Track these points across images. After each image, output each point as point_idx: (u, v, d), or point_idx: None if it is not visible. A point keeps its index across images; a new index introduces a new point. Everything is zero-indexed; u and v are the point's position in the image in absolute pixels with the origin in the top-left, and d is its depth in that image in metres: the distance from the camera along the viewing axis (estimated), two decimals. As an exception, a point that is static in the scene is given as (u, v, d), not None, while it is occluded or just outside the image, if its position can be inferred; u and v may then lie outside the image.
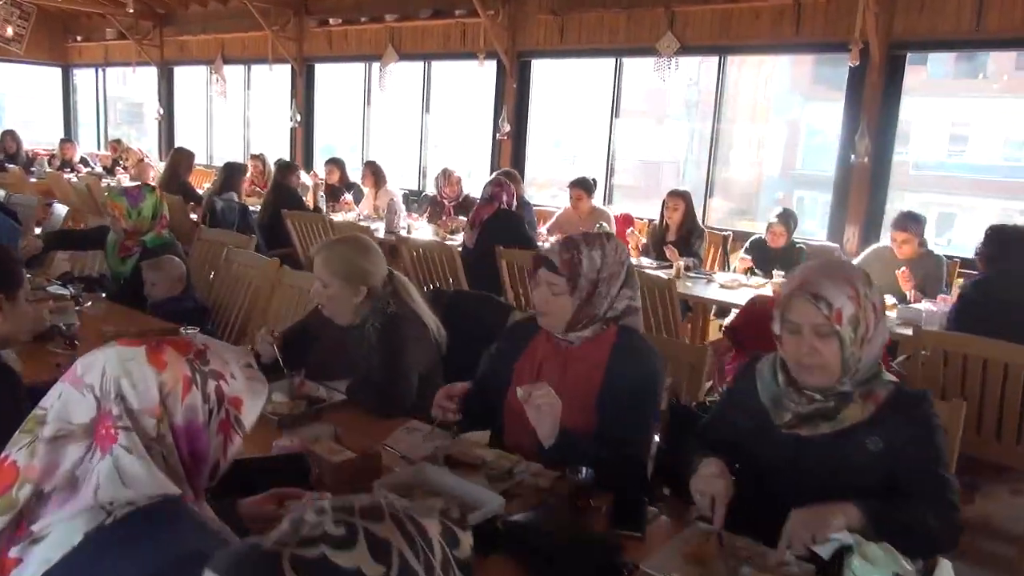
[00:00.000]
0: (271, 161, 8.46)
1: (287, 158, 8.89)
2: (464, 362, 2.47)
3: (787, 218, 4.89)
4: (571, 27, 7.03)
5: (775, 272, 4.56)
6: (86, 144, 12.07)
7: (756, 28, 6.05)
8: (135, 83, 12.66)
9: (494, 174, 6.29)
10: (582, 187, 5.76)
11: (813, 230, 6.37)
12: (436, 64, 8.47)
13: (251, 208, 6.37)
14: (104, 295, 3.54)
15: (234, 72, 10.32)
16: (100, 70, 12.43)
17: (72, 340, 2.77)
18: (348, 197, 7.01)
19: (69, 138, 10.62)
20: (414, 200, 7.87)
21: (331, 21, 8.70)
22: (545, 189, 8.20)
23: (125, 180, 8.80)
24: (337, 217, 6.28)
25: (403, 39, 8.31)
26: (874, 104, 5.50)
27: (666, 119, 9.94)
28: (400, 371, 2.30)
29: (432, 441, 2.01)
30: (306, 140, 9.53)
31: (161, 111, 11.23)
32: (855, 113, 5.61)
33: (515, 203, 5.24)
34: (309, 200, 7.06)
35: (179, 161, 6.82)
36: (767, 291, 4.33)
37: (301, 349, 2.56)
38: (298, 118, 9.43)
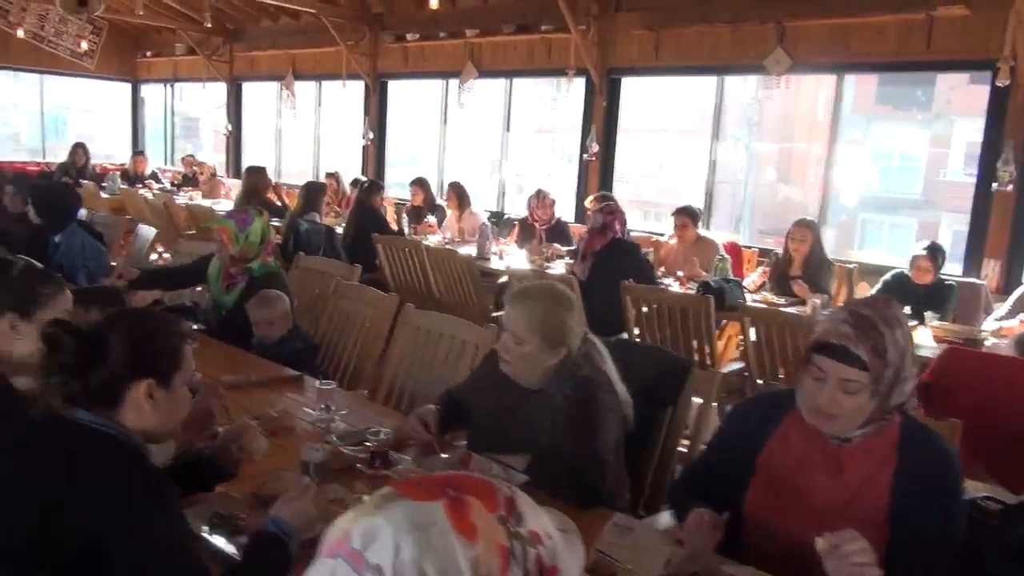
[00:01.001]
0: (346, 180, 8.28)
1: (359, 176, 8.66)
2: (636, 427, 2.10)
3: (935, 252, 4.41)
4: (668, 43, 6.65)
5: (927, 314, 4.08)
6: (152, 159, 12.04)
7: (879, 44, 5.60)
8: (191, 98, 12.65)
9: (591, 198, 5.93)
10: (687, 215, 5.35)
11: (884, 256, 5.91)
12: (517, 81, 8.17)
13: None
14: (198, 327, 3.25)
15: (304, 88, 10.15)
16: (168, 85, 12.41)
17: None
18: (432, 219, 6.69)
19: (141, 151, 10.52)
20: (493, 222, 7.52)
21: (408, 37, 8.46)
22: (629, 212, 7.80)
23: (197, 196, 8.65)
24: (430, 241, 5.96)
25: (483, 55, 8.01)
26: (1021, 127, 5.00)
27: (725, 138, 9.55)
28: (598, 449, 1.92)
29: (658, 555, 1.61)
30: (378, 158, 9.28)
31: (229, 127, 11.12)
32: (997, 136, 5.11)
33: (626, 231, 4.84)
34: (389, 221, 6.77)
35: (257, 180, 6.57)
36: (923, 337, 3.86)
37: (462, 413, 2.20)
38: (370, 135, 9.19)
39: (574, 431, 1.94)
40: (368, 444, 2.01)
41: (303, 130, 10.44)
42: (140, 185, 9.18)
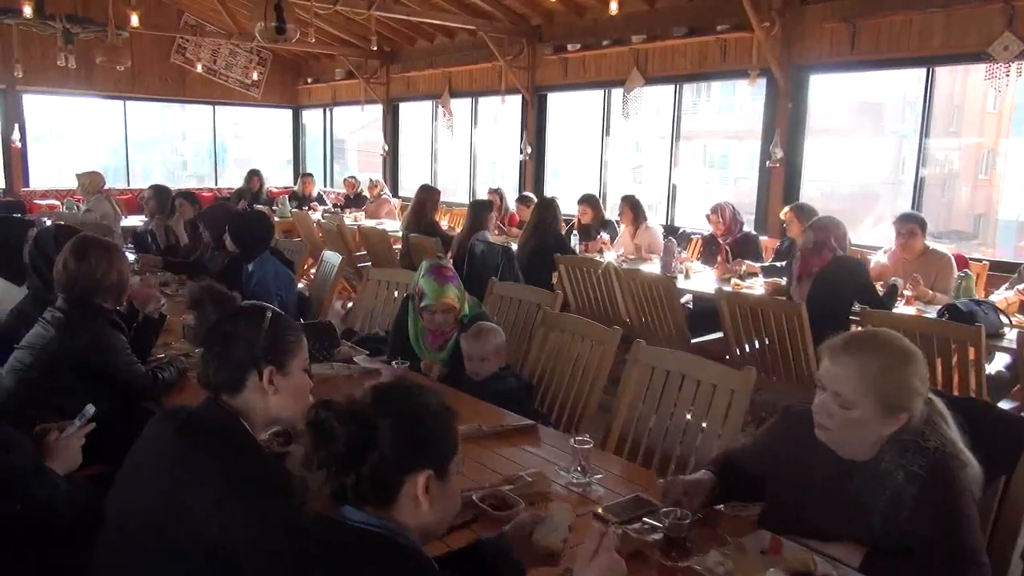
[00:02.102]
0: (509, 196, 8.12)
1: (527, 193, 8.48)
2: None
3: None
4: (867, 34, 5.99)
5: None
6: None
7: None
8: (339, 120, 13.00)
9: (787, 210, 5.38)
10: (914, 221, 4.70)
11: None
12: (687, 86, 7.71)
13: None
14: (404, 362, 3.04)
15: (459, 105, 10.13)
16: (327, 110, 12.82)
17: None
18: (604, 236, 6.36)
19: (309, 173, 10.87)
20: (666, 237, 7.08)
21: (568, 47, 8.20)
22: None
23: (361, 217, 8.76)
24: (608, 258, 5.63)
25: (650, 61, 7.62)
26: None
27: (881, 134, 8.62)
28: (971, 547, 1.50)
29: None
30: (536, 173, 9.07)
31: (386, 147, 11.30)
32: None
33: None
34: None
35: (425, 199, 6.48)
36: None
37: (745, 483, 1.83)
38: (528, 150, 9.00)
39: (932, 521, 1.52)
40: (656, 524, 1.68)
41: (458, 147, 10.43)
42: (306, 207, 9.44)
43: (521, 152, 9.10)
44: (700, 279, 5.29)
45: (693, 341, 4.38)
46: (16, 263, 3.00)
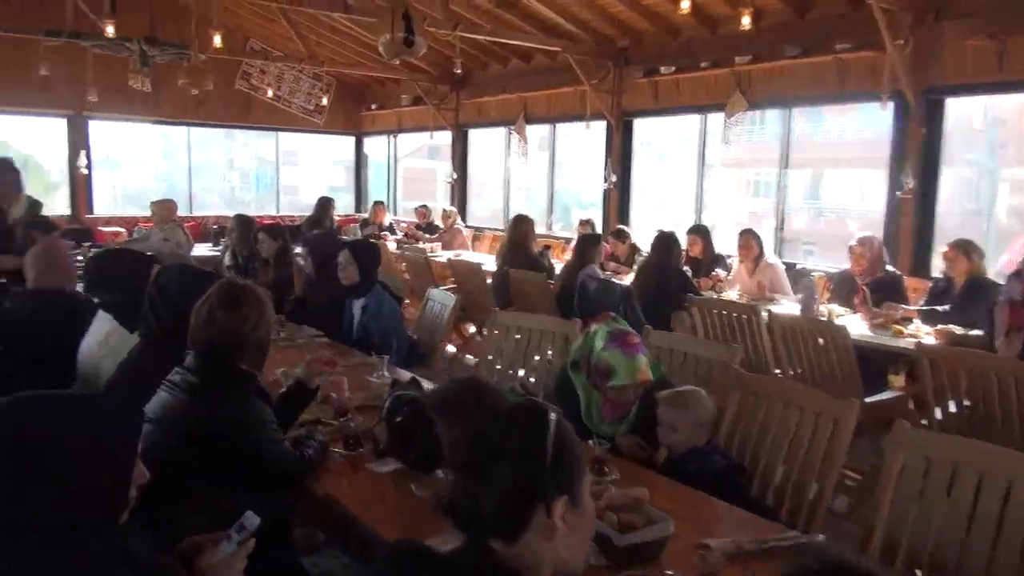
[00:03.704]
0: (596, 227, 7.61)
1: (600, 222, 7.98)
2: None
3: None
4: (1019, 51, 5.40)
5: None
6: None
7: None
8: (379, 148, 12.68)
9: (950, 245, 4.77)
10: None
11: None
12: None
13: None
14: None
15: (535, 132, 9.70)
16: (391, 136, 12.50)
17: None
18: (721, 273, 5.79)
19: (381, 202, 10.50)
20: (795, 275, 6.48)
21: (661, 70, 7.71)
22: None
23: (438, 248, 8.33)
24: (731, 295, 5.08)
25: (753, 83, 7.10)
26: None
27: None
28: None
29: None
30: (621, 202, 8.56)
31: (455, 175, 10.89)
32: None
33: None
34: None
35: (527, 231, 5.99)
36: None
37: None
38: (613, 178, 8.50)
39: None
40: None
41: (533, 174, 9.98)
42: (377, 237, 9.04)
43: (605, 180, 8.60)
44: (849, 324, 4.69)
45: (867, 400, 3.79)
46: (133, 307, 2.54)
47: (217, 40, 6.26)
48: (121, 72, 8.97)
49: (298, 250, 4.81)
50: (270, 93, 10.81)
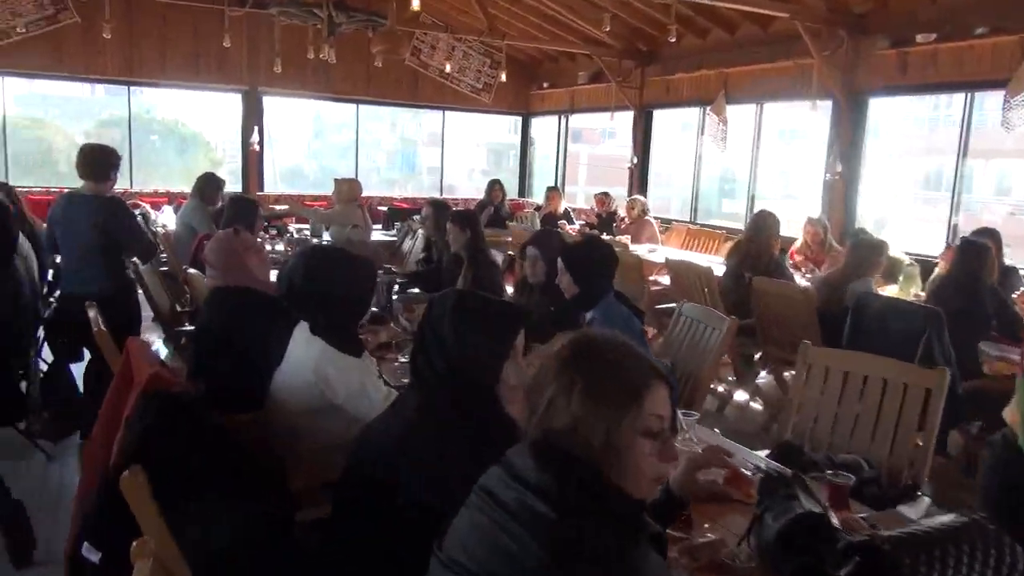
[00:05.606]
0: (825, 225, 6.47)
1: (816, 216, 6.79)
2: None
3: None
4: None
5: None
6: (538, 196, 11.33)
7: None
8: (498, 127, 11.77)
9: None
10: None
11: None
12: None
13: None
14: None
15: (737, 112, 8.58)
16: (563, 117, 11.69)
17: None
18: (1029, 290, 4.56)
19: (556, 187, 9.72)
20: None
21: (918, 39, 6.43)
22: None
23: (627, 241, 7.44)
24: None
25: None
26: None
27: None
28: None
29: None
30: (847, 196, 7.32)
31: (635, 160, 9.93)
32: None
33: None
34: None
35: (772, 231, 4.96)
36: None
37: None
38: (839, 168, 7.27)
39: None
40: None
41: (732, 159, 8.88)
42: (553, 226, 8.24)
43: (827, 172, 7.39)
44: None
45: None
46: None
47: (416, 2, 5.61)
48: (295, 46, 8.63)
49: (530, 250, 4.00)
50: (448, 67, 10.22)
